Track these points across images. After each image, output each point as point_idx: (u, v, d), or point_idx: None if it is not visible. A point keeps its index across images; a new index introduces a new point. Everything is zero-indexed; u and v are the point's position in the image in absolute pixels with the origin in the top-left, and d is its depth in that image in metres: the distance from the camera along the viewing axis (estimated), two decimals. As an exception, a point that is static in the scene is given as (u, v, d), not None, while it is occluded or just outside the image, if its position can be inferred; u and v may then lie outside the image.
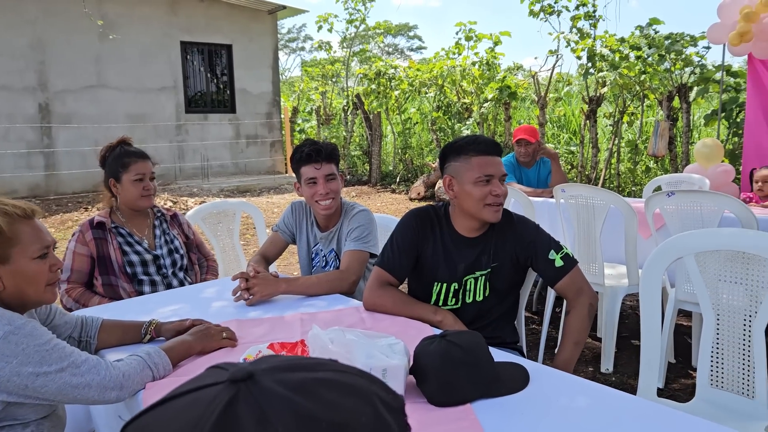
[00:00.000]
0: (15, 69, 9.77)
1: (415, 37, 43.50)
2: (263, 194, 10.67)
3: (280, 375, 0.50)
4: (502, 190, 1.90)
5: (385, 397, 0.53)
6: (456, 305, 2.02)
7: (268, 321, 1.96)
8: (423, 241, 2.02)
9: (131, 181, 2.48)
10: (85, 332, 1.76)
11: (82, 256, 2.43)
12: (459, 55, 10.17)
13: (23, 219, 1.48)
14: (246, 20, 12.16)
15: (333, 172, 2.37)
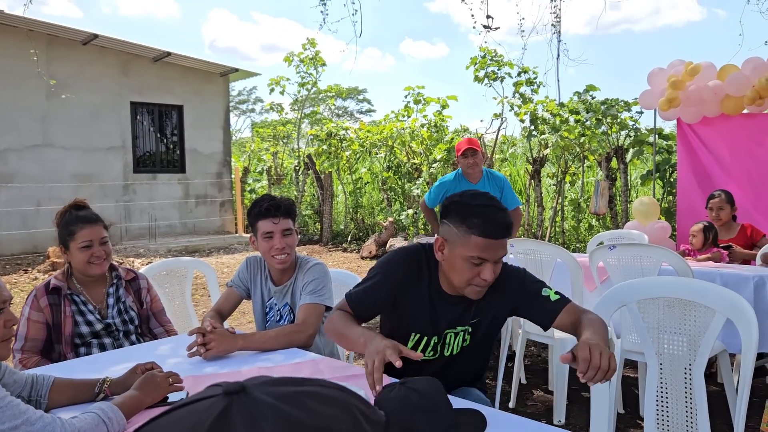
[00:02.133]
0: (-45, 127, 9.52)
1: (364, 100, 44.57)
2: (213, 254, 10.52)
3: (270, 388, 0.56)
4: (492, 275, 1.73)
5: (365, 410, 0.58)
6: (434, 356, 1.97)
7: (224, 376, 1.95)
8: (404, 290, 1.91)
9: (78, 248, 2.38)
10: (35, 391, 1.70)
11: (37, 323, 2.34)
12: (408, 118, 10.50)
13: None
14: (198, 82, 12.27)
15: (290, 227, 2.40)
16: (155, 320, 2.65)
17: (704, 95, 5.51)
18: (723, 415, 3.27)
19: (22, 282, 7.84)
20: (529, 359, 4.42)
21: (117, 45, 10.94)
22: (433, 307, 1.92)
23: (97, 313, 2.44)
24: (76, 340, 2.38)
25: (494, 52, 8.90)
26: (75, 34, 10.40)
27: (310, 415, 0.54)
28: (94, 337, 2.41)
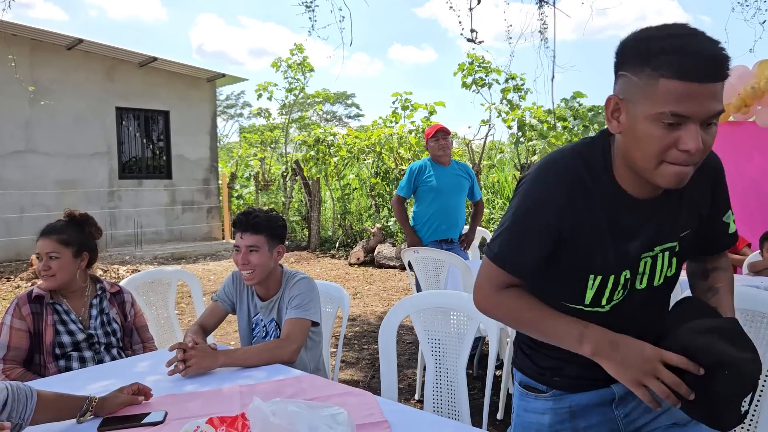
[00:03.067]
0: (-64, 133, 9.38)
1: (353, 105, 44.57)
2: (199, 261, 10.43)
3: None
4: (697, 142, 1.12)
5: None
6: (619, 298, 1.35)
7: (205, 394, 1.90)
8: (570, 217, 1.28)
9: (36, 258, 2.40)
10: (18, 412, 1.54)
11: (20, 331, 2.29)
12: (396, 124, 10.49)
13: None
14: (185, 87, 12.19)
15: (255, 244, 2.32)
16: (137, 335, 2.61)
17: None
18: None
19: (5, 290, 7.71)
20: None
21: (102, 50, 10.84)
22: (615, 224, 1.29)
23: (80, 323, 2.40)
24: (56, 350, 2.33)
25: (482, 58, 8.93)
26: (59, 39, 10.29)
27: None
28: (75, 348, 2.36)
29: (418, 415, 1.73)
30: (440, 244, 4.46)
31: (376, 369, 4.48)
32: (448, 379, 2.30)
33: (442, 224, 4.47)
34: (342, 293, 2.68)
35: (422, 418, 1.72)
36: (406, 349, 4.88)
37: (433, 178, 4.47)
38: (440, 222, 4.47)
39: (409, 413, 1.74)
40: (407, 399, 3.84)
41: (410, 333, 5.28)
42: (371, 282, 8.27)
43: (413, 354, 4.74)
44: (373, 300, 7.05)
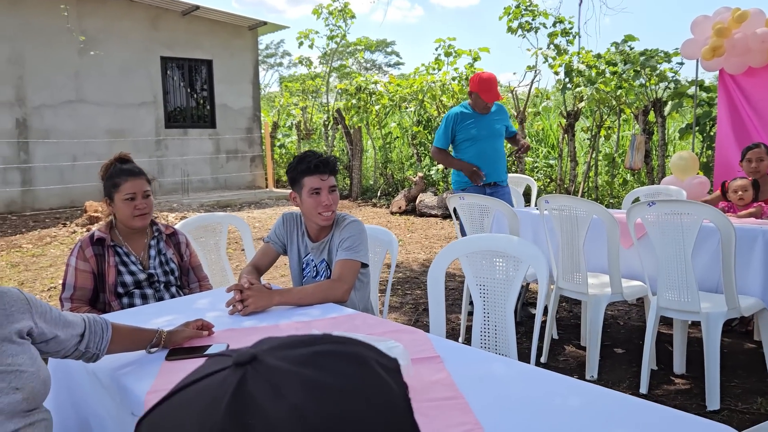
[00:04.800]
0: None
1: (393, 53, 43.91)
2: (244, 209, 10.64)
3: (282, 352, 0.53)
4: None
5: (381, 360, 0.56)
6: None
7: (263, 330, 1.98)
8: None
9: (122, 200, 2.46)
10: (95, 343, 1.65)
11: (84, 272, 2.42)
12: (439, 71, 10.31)
13: None
14: (227, 36, 12.19)
15: (335, 184, 2.42)
16: (193, 274, 2.72)
17: (751, 44, 5.27)
18: (759, 372, 3.24)
19: (62, 235, 8.05)
20: (560, 314, 4.42)
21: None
22: None
23: (139, 263, 2.51)
24: (119, 289, 2.45)
25: (528, 1, 8.62)
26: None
27: (332, 376, 0.51)
28: (137, 287, 2.48)
29: (469, 351, 1.78)
30: (483, 188, 4.44)
31: (419, 313, 4.56)
32: (496, 321, 2.34)
33: (483, 169, 4.43)
34: (390, 237, 2.72)
35: (473, 353, 1.76)
36: (449, 294, 4.95)
37: (472, 127, 4.42)
38: (481, 167, 4.43)
39: (459, 349, 1.79)
40: (451, 342, 3.92)
41: (453, 279, 5.34)
42: (413, 230, 8.33)
43: (456, 299, 4.81)
44: (415, 248, 7.12)
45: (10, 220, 9.35)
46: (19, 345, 1.46)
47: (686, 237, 2.88)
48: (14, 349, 1.44)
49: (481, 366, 1.64)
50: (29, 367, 1.45)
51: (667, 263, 2.97)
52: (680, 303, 2.97)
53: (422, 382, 1.53)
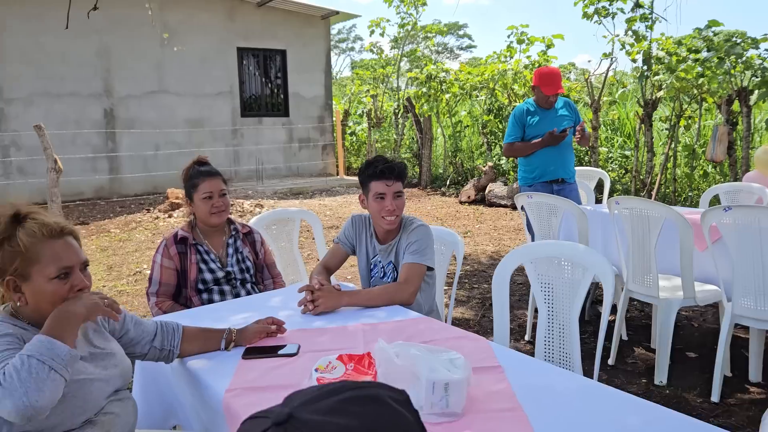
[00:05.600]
0: (83, 76, 10.28)
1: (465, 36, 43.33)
2: (315, 196, 10.88)
3: (313, 406, 0.63)
4: None
5: (393, 395, 0.67)
6: None
7: (331, 331, 2.08)
8: None
9: (201, 199, 2.64)
10: (168, 341, 1.87)
11: (168, 269, 2.61)
12: (511, 58, 10.15)
13: (48, 239, 1.51)
14: (300, 25, 12.43)
15: (401, 190, 2.48)
16: (267, 271, 2.86)
17: None
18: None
19: (146, 221, 8.52)
20: (630, 314, 4.34)
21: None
22: None
23: (218, 261, 2.67)
24: (199, 285, 2.62)
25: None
26: (184, -17, 10.77)
27: (357, 418, 0.61)
28: (216, 284, 2.64)
29: (531, 362, 1.81)
30: (550, 185, 4.39)
31: (486, 308, 4.59)
32: (560, 326, 2.35)
33: (550, 165, 4.38)
34: (456, 238, 2.77)
35: (535, 365, 1.79)
36: (516, 290, 4.94)
37: (537, 123, 4.37)
38: (548, 163, 4.37)
39: (522, 360, 1.83)
40: (517, 340, 3.93)
41: (521, 274, 5.32)
42: (482, 221, 8.30)
43: (524, 295, 4.80)
44: (484, 239, 7.10)
45: (99, 206, 9.96)
46: (105, 336, 1.73)
47: (765, 243, 2.77)
48: (105, 336, 1.72)
49: (543, 378, 1.68)
50: (118, 351, 1.72)
51: (743, 269, 2.88)
52: (757, 311, 2.87)
53: (483, 391, 1.58)
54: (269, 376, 1.74)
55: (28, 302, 1.53)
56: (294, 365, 1.81)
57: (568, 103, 4.54)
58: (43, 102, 9.98)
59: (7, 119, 9.79)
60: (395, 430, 0.63)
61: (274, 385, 1.68)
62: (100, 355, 1.65)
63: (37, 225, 1.52)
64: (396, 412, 0.64)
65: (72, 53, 10.12)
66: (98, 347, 1.66)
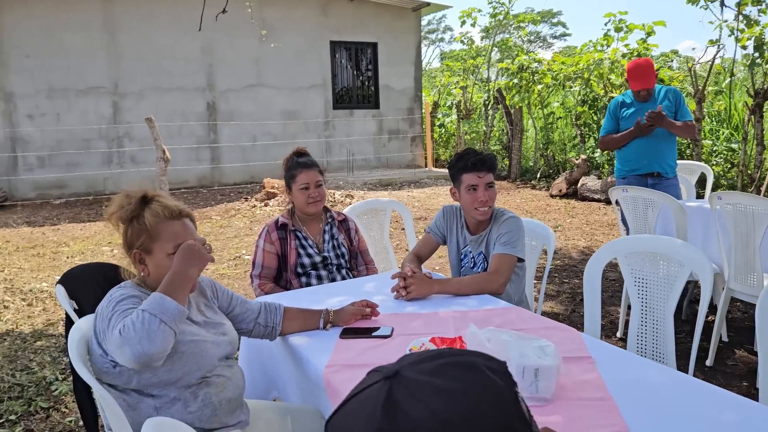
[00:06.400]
0: (188, 71, 10.90)
1: (558, 24, 42.00)
2: (404, 188, 11.00)
3: (417, 366, 0.73)
4: None
5: (490, 364, 0.75)
6: None
7: (423, 316, 2.17)
8: None
9: (298, 189, 2.80)
10: (270, 319, 2.05)
11: (270, 254, 2.79)
12: (607, 47, 9.80)
13: (169, 219, 1.72)
14: (391, 18, 12.57)
15: (492, 181, 2.54)
16: (361, 258, 2.99)
17: None
18: None
19: (244, 209, 8.96)
20: (732, 314, 4.14)
21: (318, -13, 11.56)
22: None
23: (316, 247, 2.82)
24: (298, 269, 2.78)
25: (714, -32, 7.86)
26: (282, -20, 11.15)
27: (453, 382, 0.70)
28: (313, 268, 2.79)
29: (623, 355, 1.81)
30: (645, 178, 4.24)
31: (576, 303, 4.52)
32: (654, 322, 2.32)
33: (643, 158, 4.21)
34: (547, 232, 2.77)
35: (627, 357, 1.79)
36: (608, 286, 4.83)
37: (633, 114, 4.21)
38: (642, 156, 4.21)
39: (613, 351, 1.83)
40: (608, 336, 3.87)
41: (613, 270, 5.18)
42: (573, 215, 8.12)
43: (616, 291, 4.69)
44: (575, 234, 6.96)
45: (201, 194, 10.56)
46: (215, 310, 1.94)
47: None
48: (215, 310, 1.93)
49: (635, 371, 1.68)
50: (227, 323, 1.92)
51: None
52: None
53: (573, 381, 1.61)
54: (365, 355, 1.85)
55: (150, 274, 1.75)
56: (388, 346, 1.91)
57: (671, 92, 4.31)
58: (153, 96, 10.67)
59: (122, 112, 10.56)
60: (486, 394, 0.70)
61: (370, 363, 1.77)
62: (210, 323, 1.85)
63: (160, 207, 1.74)
64: (489, 379, 0.72)
65: (179, 50, 10.76)
66: (209, 318, 1.86)
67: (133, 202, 1.74)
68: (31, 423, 3.00)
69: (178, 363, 1.65)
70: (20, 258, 6.32)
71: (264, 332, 2.05)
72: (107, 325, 1.56)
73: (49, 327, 4.31)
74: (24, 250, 6.68)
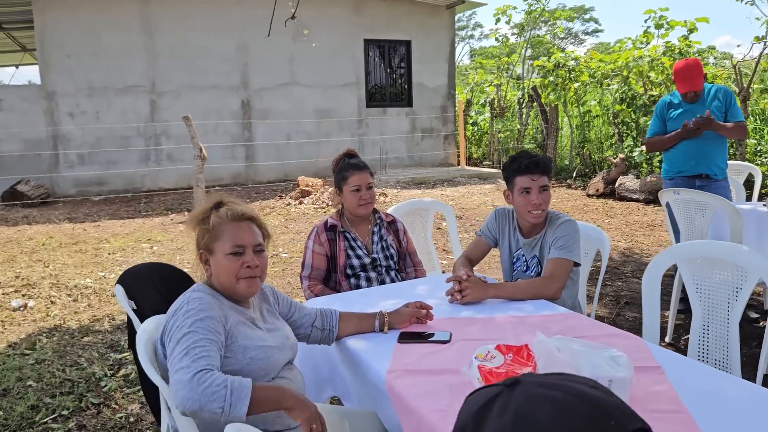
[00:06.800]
0: (223, 70, 11.01)
1: (591, 20, 41.39)
2: (437, 186, 10.95)
3: (539, 379, 0.76)
4: None
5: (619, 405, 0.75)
6: None
7: (480, 321, 2.14)
8: None
9: (350, 191, 2.79)
10: (327, 322, 2.06)
11: (320, 255, 2.79)
12: (647, 45, 9.62)
13: (231, 221, 1.77)
14: (424, 16, 12.51)
15: (546, 184, 2.49)
16: (409, 259, 2.97)
17: None
18: None
19: (279, 207, 9.01)
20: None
21: (352, -15, 11.56)
22: None
23: (365, 248, 2.81)
24: (347, 271, 2.77)
25: (761, -37, 7.66)
26: (317, -22, 11.18)
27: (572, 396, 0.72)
28: (362, 269, 2.78)
29: (692, 365, 1.76)
30: (692, 180, 4.12)
31: (621, 306, 4.44)
32: (717, 330, 2.25)
33: (691, 159, 4.08)
34: (601, 234, 2.72)
35: (697, 368, 1.74)
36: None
37: (680, 115, 4.10)
38: (689, 157, 4.09)
39: (680, 361, 1.78)
40: (656, 341, 3.78)
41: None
42: (612, 215, 7.98)
43: (662, 295, 4.58)
44: (615, 234, 6.84)
45: (236, 191, 10.66)
46: (276, 316, 1.96)
47: None
48: (276, 316, 1.96)
49: (707, 382, 1.63)
50: (288, 329, 1.94)
51: None
52: None
53: (644, 392, 1.56)
54: (426, 360, 1.83)
55: (212, 274, 1.79)
56: (448, 352, 1.88)
57: (721, 91, 4.17)
58: (189, 94, 10.81)
59: (159, 110, 10.72)
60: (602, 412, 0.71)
61: (431, 369, 1.77)
62: (274, 329, 1.87)
63: (226, 210, 1.79)
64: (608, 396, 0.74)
65: (214, 49, 10.87)
66: (271, 323, 1.89)
67: (207, 207, 1.81)
68: (83, 419, 3.05)
69: (247, 369, 1.67)
70: (63, 254, 6.45)
71: (321, 336, 2.05)
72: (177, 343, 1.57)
73: (95, 323, 4.39)
74: (67, 246, 6.82)
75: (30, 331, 4.24)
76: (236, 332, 1.72)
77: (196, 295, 1.70)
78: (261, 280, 1.83)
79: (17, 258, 6.27)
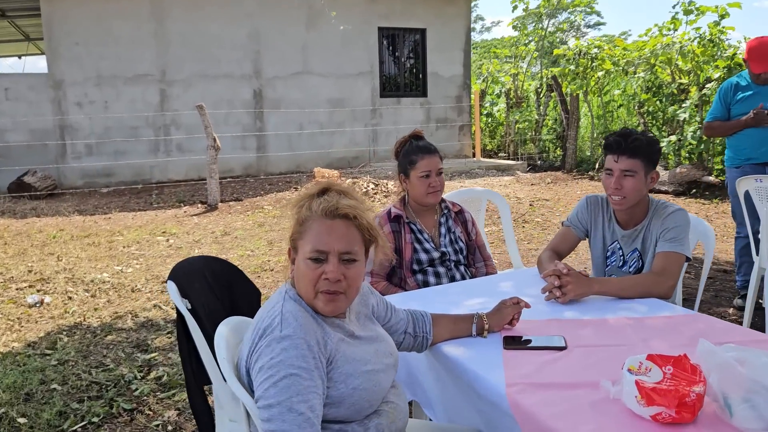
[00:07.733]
0: (235, 58, 10.69)
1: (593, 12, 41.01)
2: (455, 178, 10.65)
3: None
4: None
5: None
6: None
7: (591, 323, 1.85)
8: None
9: (418, 177, 2.48)
10: (420, 328, 1.76)
11: None
12: (675, 32, 9.30)
13: (320, 216, 1.41)
14: (440, 4, 12.18)
15: (632, 168, 2.14)
16: (479, 254, 2.67)
17: None
18: None
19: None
20: None
21: (367, -29, 11.23)
22: None
23: (432, 241, 2.52)
24: (414, 266, 2.48)
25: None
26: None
27: None
28: (430, 265, 2.49)
29: None
30: (763, 167, 3.84)
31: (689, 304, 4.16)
32: None
33: (762, 146, 3.80)
34: (706, 227, 2.43)
35: None
36: (709, 285, 4.45)
37: (749, 98, 3.80)
38: (759, 143, 3.80)
39: None
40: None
41: (713, 269, 4.79)
42: (643, 208, 7.69)
43: (719, 291, 4.31)
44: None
45: (248, 183, 10.36)
46: (374, 320, 1.66)
47: None
48: (374, 321, 1.65)
49: None
50: (390, 342, 1.61)
51: None
52: None
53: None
54: (547, 371, 1.55)
55: (295, 277, 1.47)
56: (569, 360, 1.60)
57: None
58: (200, 83, 10.49)
59: (169, 100, 10.40)
60: None
61: (559, 382, 1.48)
62: (373, 338, 1.55)
63: (321, 201, 1.44)
64: None
65: (226, 37, 10.54)
66: (371, 332, 1.58)
67: (311, 192, 1.47)
68: (116, 426, 2.78)
69: (349, 399, 1.37)
70: (76, 247, 6.16)
71: (413, 344, 1.76)
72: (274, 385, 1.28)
73: (117, 320, 4.11)
74: (79, 239, 6.53)
75: (49, 329, 3.96)
76: (337, 355, 1.39)
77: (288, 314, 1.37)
78: (347, 299, 1.45)
79: (28, 251, 5.99)
